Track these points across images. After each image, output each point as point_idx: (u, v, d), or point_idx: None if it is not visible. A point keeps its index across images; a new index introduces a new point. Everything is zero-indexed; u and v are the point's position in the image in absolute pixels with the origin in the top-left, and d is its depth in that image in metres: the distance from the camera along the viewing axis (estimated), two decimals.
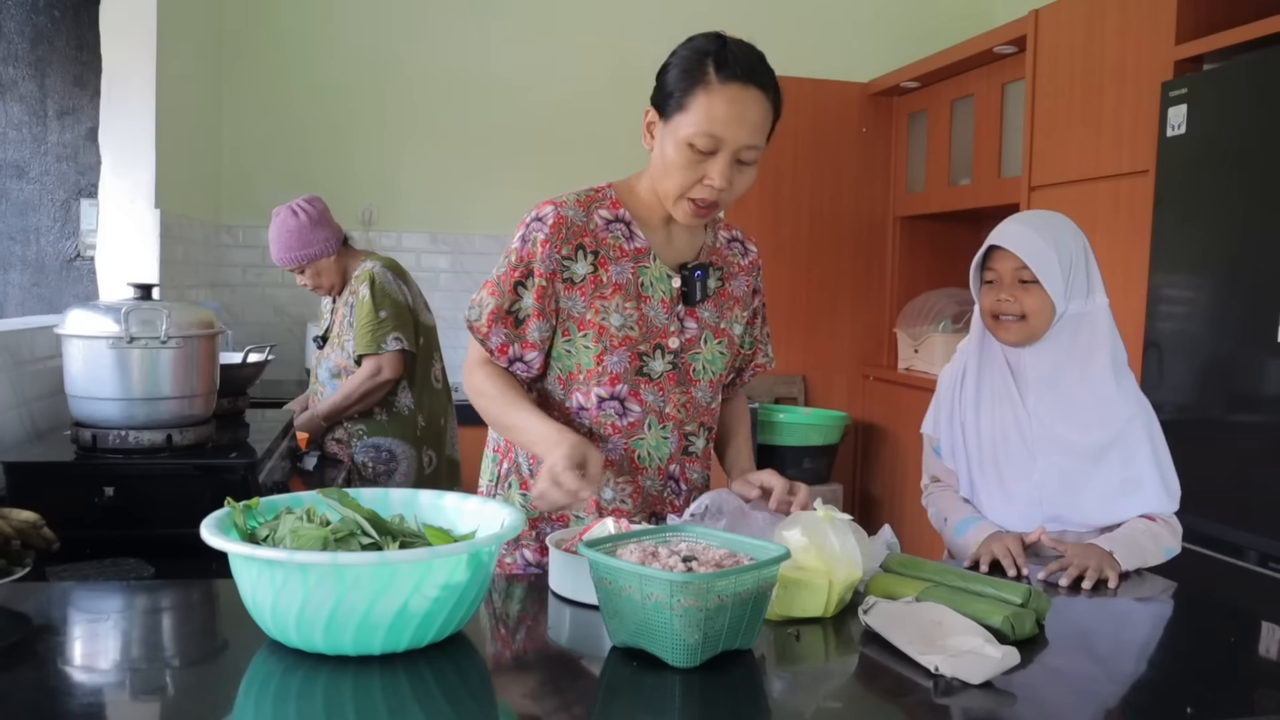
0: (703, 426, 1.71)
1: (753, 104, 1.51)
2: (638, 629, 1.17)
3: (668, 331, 1.64)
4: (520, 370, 1.63)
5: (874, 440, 4.67)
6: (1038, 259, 1.73)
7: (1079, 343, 1.76)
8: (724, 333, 1.71)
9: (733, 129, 1.50)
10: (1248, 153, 2.53)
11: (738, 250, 1.78)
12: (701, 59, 1.52)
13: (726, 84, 1.50)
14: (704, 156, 1.51)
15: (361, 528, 1.24)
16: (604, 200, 1.65)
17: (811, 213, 4.73)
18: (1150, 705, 1.18)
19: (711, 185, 1.52)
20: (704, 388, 1.69)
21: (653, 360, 1.63)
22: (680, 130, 1.51)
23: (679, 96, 1.51)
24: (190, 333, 2.10)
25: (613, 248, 1.62)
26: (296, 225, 2.88)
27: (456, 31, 4.41)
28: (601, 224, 1.62)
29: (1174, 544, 1.75)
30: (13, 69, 3.37)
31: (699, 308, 1.67)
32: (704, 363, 1.68)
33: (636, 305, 1.61)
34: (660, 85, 1.57)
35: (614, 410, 1.61)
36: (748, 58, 1.53)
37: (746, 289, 1.77)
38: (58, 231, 3.47)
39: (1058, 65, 3.39)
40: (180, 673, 1.19)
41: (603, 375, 1.60)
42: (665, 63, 1.58)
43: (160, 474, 2.02)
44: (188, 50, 3.64)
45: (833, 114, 4.70)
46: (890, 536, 1.60)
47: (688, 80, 1.51)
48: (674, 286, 1.65)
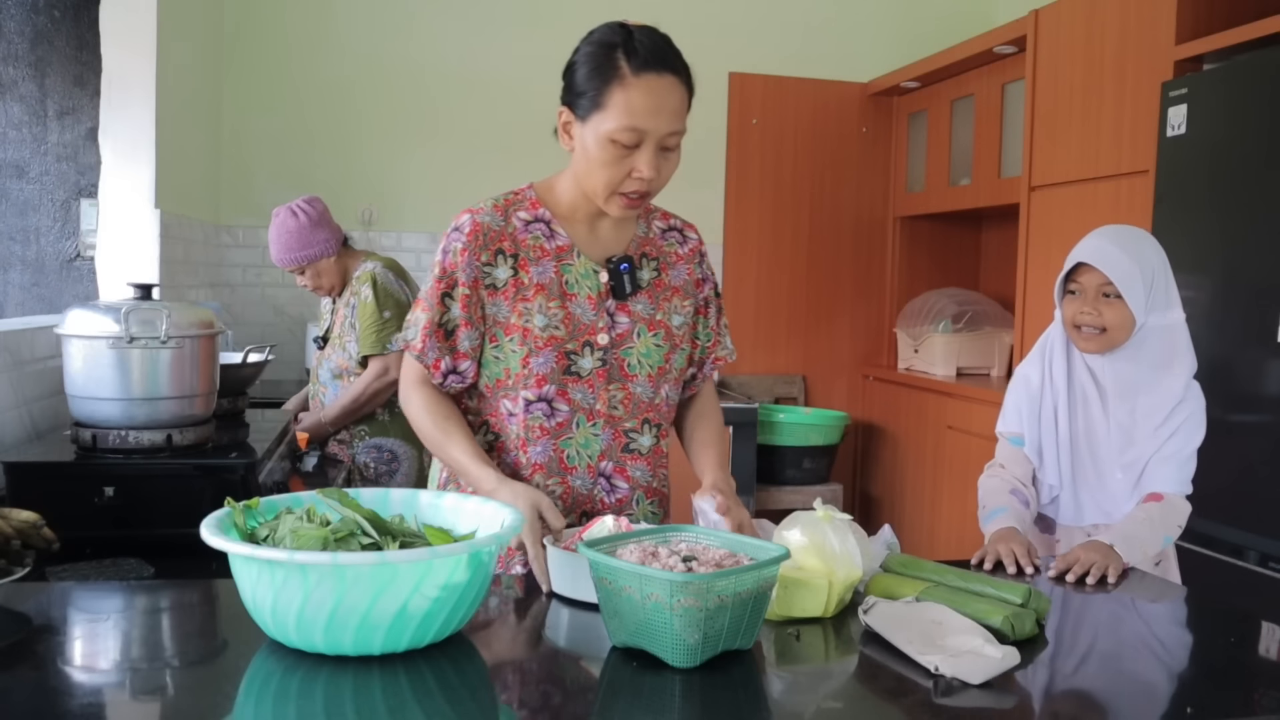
0: (648, 423, 1.67)
1: (669, 91, 1.51)
2: (638, 629, 1.17)
3: (596, 328, 1.62)
4: (455, 383, 1.62)
5: (874, 440, 4.68)
6: (1123, 276, 1.79)
7: (1156, 354, 1.84)
8: (660, 324, 1.67)
9: (654, 119, 1.49)
10: (1248, 153, 2.53)
11: (675, 239, 1.74)
12: (610, 53, 1.50)
13: (640, 75, 1.49)
14: (628, 150, 1.51)
15: (361, 528, 1.24)
16: (523, 202, 1.64)
17: (811, 213, 4.73)
18: (1150, 705, 1.17)
19: (641, 177, 1.52)
20: (643, 382, 1.65)
21: (581, 358, 1.61)
22: (601, 128, 1.50)
23: (594, 95, 1.50)
24: (190, 333, 2.10)
25: (533, 248, 1.61)
26: (296, 226, 2.88)
27: (457, 31, 4.41)
28: (520, 225, 1.61)
29: (1172, 529, 1.80)
30: (13, 69, 3.37)
31: (630, 301, 1.65)
32: (639, 357, 1.65)
33: (561, 304, 1.60)
34: (570, 85, 1.55)
35: (542, 412, 1.60)
36: (656, 44, 1.52)
37: (688, 277, 1.73)
38: (58, 231, 3.47)
39: (1058, 65, 3.39)
40: (180, 673, 1.19)
41: (529, 378, 1.59)
42: (571, 61, 1.56)
43: (160, 474, 2.02)
44: (188, 50, 3.64)
45: (833, 114, 4.70)
46: (890, 536, 1.60)
47: (600, 77, 1.50)
48: (601, 282, 1.63)
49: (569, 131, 1.57)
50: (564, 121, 1.57)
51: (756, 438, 4.14)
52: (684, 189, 4.56)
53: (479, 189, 4.87)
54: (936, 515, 4.12)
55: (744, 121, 4.62)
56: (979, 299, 4.39)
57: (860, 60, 4.74)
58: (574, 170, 1.60)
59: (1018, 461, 1.94)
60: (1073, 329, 1.87)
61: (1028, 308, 3.52)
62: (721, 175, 4.65)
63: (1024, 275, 3.54)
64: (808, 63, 4.69)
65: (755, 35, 4.65)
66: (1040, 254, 3.46)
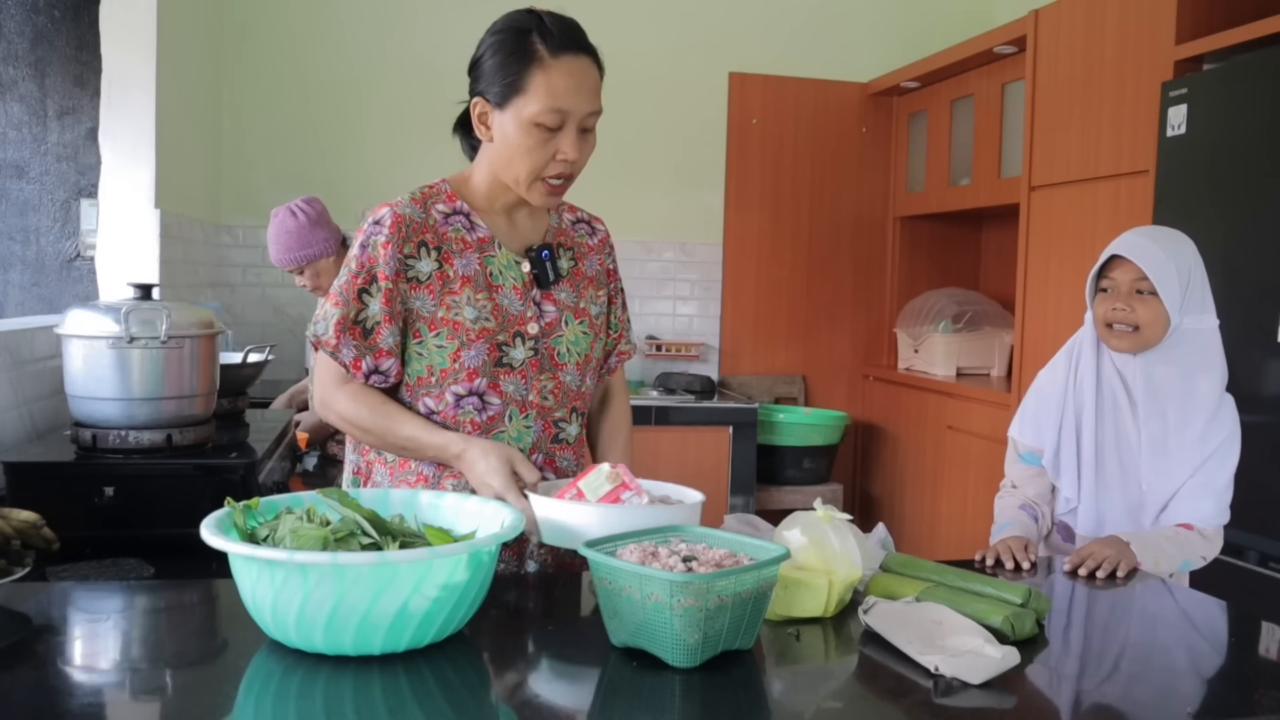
0: (574, 412, 1.68)
1: (587, 71, 1.53)
2: (638, 629, 1.17)
3: (525, 318, 1.61)
4: (378, 382, 1.58)
5: (874, 440, 4.68)
6: (1157, 269, 1.75)
7: (1190, 359, 1.79)
8: (584, 312, 1.68)
9: (575, 99, 1.51)
10: (1248, 153, 2.53)
11: (584, 231, 1.75)
12: (524, 38, 1.51)
13: (558, 56, 1.50)
14: (551, 133, 1.52)
15: (361, 528, 1.24)
16: (439, 195, 1.63)
17: (811, 213, 4.73)
18: (1150, 705, 1.17)
19: (566, 159, 1.53)
20: (571, 371, 1.66)
21: (513, 349, 1.60)
22: (524, 112, 1.50)
23: (513, 80, 1.51)
24: (190, 333, 2.10)
25: (455, 240, 1.59)
26: (295, 226, 2.88)
27: (457, 31, 4.41)
28: (440, 218, 1.60)
29: (1195, 558, 1.76)
30: (13, 69, 3.37)
31: (554, 289, 1.65)
32: (568, 345, 1.65)
33: (489, 295, 1.59)
34: (482, 74, 1.55)
35: (473, 406, 1.58)
36: (569, 26, 1.54)
37: (600, 268, 1.74)
38: (58, 231, 3.47)
39: (1058, 65, 3.39)
40: (180, 673, 1.19)
41: (460, 372, 1.57)
42: (478, 53, 1.57)
43: (160, 474, 2.02)
44: (188, 50, 3.64)
45: (833, 114, 4.70)
46: (883, 535, 1.60)
47: (517, 61, 1.50)
48: (524, 271, 1.62)
49: (485, 123, 1.57)
50: (479, 113, 1.57)
51: (756, 438, 4.14)
52: (684, 189, 4.62)
53: None
54: (936, 515, 4.12)
55: (744, 121, 4.62)
56: (979, 299, 4.39)
57: (860, 60, 4.74)
58: (491, 161, 1.60)
59: (1030, 481, 1.90)
60: (1104, 328, 1.82)
61: (1028, 308, 3.52)
62: (721, 175, 4.65)
63: (1024, 275, 3.54)
64: (808, 63, 4.69)
65: (755, 35, 4.65)
66: (1040, 254, 3.46)
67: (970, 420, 3.83)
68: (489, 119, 1.56)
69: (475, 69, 1.57)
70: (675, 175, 4.58)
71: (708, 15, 4.60)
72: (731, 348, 4.69)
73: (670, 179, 4.57)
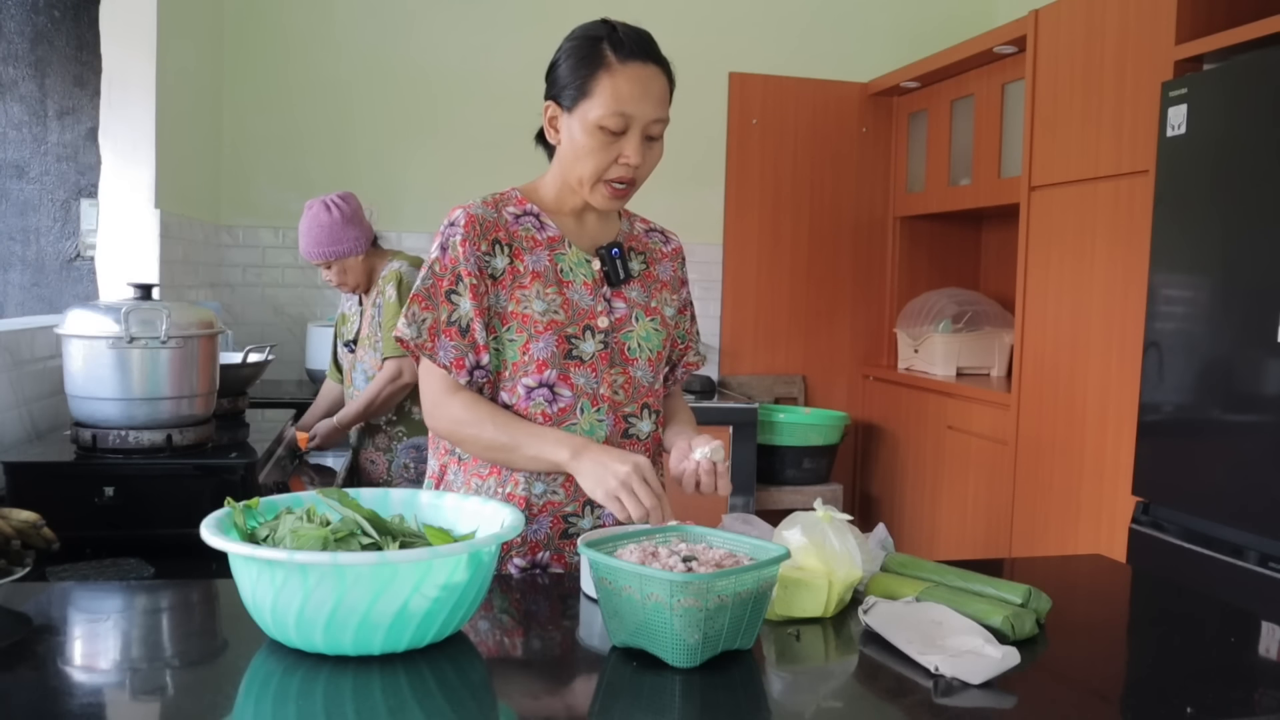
0: (646, 408, 1.68)
1: (654, 79, 1.56)
2: (638, 629, 1.17)
3: (595, 312, 1.63)
4: (480, 378, 1.60)
5: (874, 440, 4.68)
6: None
7: None
8: (655, 311, 1.70)
9: (640, 105, 1.54)
10: (1248, 153, 2.53)
11: (658, 239, 1.80)
12: (596, 44, 1.56)
13: (626, 63, 1.54)
14: (615, 137, 1.55)
15: (361, 528, 1.24)
16: (509, 200, 1.66)
17: (811, 213, 4.73)
18: (1150, 705, 1.17)
19: (628, 163, 1.56)
20: (643, 366, 1.67)
21: (582, 342, 1.61)
22: (589, 115, 1.54)
23: (580, 84, 1.55)
24: (190, 333, 2.10)
25: (525, 239, 1.62)
26: (329, 221, 2.87)
27: (457, 31, 4.41)
28: (511, 218, 1.63)
29: None
30: (13, 69, 3.37)
31: (625, 288, 1.68)
32: (638, 340, 1.67)
33: (559, 290, 1.61)
34: (556, 79, 1.60)
35: (543, 398, 1.60)
36: (640, 37, 1.58)
37: (673, 274, 1.78)
38: (58, 231, 3.47)
39: (1058, 65, 3.39)
40: (180, 673, 1.19)
41: (529, 364, 1.59)
42: (554, 59, 1.61)
43: (160, 474, 2.02)
44: (188, 50, 3.64)
45: (833, 114, 4.70)
46: (883, 535, 1.60)
47: (587, 66, 1.55)
48: (594, 269, 1.65)
49: (555, 126, 1.61)
50: (550, 116, 1.62)
51: (756, 438, 4.13)
52: (684, 189, 4.62)
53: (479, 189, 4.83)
54: (936, 515, 4.12)
55: (744, 121, 4.62)
56: (979, 299, 4.39)
57: (860, 60, 4.74)
58: (560, 164, 1.64)
59: None
60: None
61: (1028, 308, 3.52)
62: (721, 175, 4.65)
63: (1024, 275, 3.54)
64: (808, 63, 4.69)
65: (755, 35, 4.65)
66: (1040, 254, 3.46)
67: (970, 420, 3.83)
68: (558, 122, 1.60)
69: (550, 74, 1.62)
70: (675, 175, 4.56)
71: (708, 15, 4.60)
72: (731, 348, 4.70)
73: (670, 179, 4.55)
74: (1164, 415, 2.78)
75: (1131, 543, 2.84)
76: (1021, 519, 3.48)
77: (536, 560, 1.62)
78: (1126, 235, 3.03)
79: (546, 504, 1.61)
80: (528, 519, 1.61)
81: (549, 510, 1.62)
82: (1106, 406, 3.10)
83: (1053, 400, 3.34)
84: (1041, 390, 3.40)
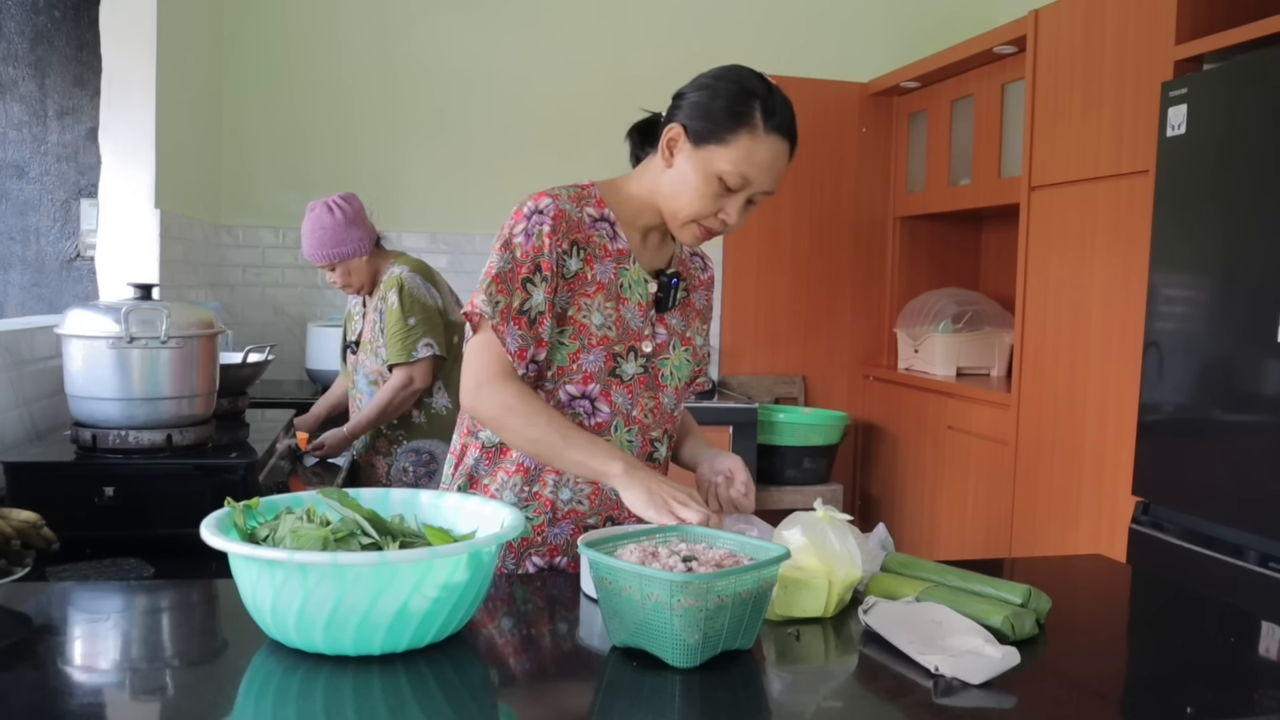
0: (666, 434, 1.71)
1: (783, 156, 1.56)
2: (638, 629, 1.17)
3: (642, 335, 1.64)
4: (531, 371, 1.59)
5: (874, 440, 4.68)
6: None
7: None
8: (689, 341, 1.72)
9: (763, 175, 1.55)
10: (1248, 153, 2.53)
11: (698, 265, 1.80)
12: (750, 100, 1.53)
13: (770, 134, 1.53)
14: (727, 192, 1.55)
15: (361, 528, 1.24)
16: (590, 198, 1.64)
17: (811, 213, 4.73)
18: (1150, 705, 1.17)
19: (725, 220, 1.57)
20: (670, 394, 1.69)
21: (626, 362, 1.62)
22: (715, 163, 1.53)
23: (722, 132, 1.52)
24: (190, 333, 2.10)
25: (599, 246, 1.61)
26: (331, 222, 2.86)
27: (457, 31, 4.41)
28: (589, 221, 1.62)
29: None
30: (13, 69, 3.37)
31: (668, 315, 1.69)
32: (672, 369, 1.69)
33: (615, 306, 1.61)
34: (695, 110, 1.55)
35: (583, 409, 1.60)
36: (788, 111, 1.56)
37: (706, 303, 1.80)
38: (58, 231, 3.47)
39: (1058, 65, 3.39)
40: (180, 673, 1.19)
41: (576, 374, 1.59)
42: (709, 89, 1.55)
43: (160, 474, 2.02)
44: (188, 50, 3.64)
45: (833, 114, 4.70)
46: (883, 535, 1.60)
47: (735, 120, 1.52)
48: (650, 291, 1.66)
49: (672, 149, 1.58)
50: (670, 138, 1.57)
51: (756, 438, 4.13)
52: None
53: (479, 189, 4.86)
54: (936, 515, 4.12)
55: None
56: (979, 299, 4.39)
57: (860, 60, 4.74)
58: (657, 184, 1.61)
59: None
60: None
61: (1028, 308, 3.52)
62: None
63: (1024, 275, 3.54)
64: (808, 63, 4.68)
65: (755, 35, 4.65)
66: (1040, 254, 3.46)
67: (970, 420, 3.83)
68: (677, 147, 1.57)
69: (684, 98, 1.58)
70: None
71: (707, 15, 4.60)
72: (731, 348, 4.69)
73: None
74: (1164, 415, 2.78)
75: (1131, 543, 2.84)
76: (1021, 519, 3.48)
77: (554, 563, 1.64)
78: (1126, 235, 3.03)
79: (570, 511, 1.62)
80: (551, 522, 1.62)
81: (572, 518, 1.63)
82: (1106, 406, 3.10)
83: (1053, 400, 3.34)
84: (1041, 390, 3.40)
